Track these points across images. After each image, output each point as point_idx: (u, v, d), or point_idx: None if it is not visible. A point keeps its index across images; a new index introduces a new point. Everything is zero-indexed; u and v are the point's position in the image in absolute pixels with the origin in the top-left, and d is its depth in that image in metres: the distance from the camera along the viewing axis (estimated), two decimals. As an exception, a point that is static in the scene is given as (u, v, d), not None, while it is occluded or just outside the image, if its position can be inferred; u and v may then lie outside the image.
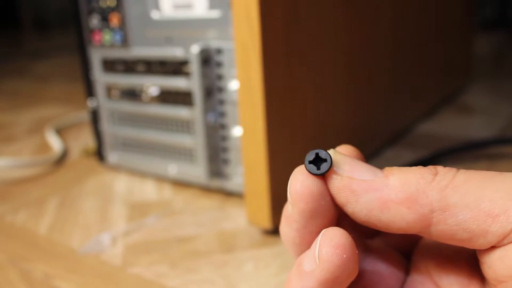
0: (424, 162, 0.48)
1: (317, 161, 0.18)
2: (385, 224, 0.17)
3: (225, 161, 0.43)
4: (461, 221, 0.16)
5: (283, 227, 0.20)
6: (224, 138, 0.42)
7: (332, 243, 0.17)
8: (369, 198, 0.17)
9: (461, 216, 0.16)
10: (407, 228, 0.17)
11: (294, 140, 0.38)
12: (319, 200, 0.18)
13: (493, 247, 0.17)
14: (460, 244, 0.17)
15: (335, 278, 0.17)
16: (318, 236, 0.18)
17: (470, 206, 0.16)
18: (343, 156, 0.19)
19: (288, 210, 0.19)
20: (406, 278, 0.21)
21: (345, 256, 0.17)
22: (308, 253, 0.19)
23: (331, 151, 0.19)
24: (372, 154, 0.52)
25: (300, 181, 0.18)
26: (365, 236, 0.22)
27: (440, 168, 0.17)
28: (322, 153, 0.18)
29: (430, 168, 0.18)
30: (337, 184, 0.18)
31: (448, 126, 0.61)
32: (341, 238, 0.17)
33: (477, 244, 0.17)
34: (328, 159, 0.18)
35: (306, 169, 0.18)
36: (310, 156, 0.18)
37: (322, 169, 0.18)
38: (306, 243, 0.19)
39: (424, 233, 0.17)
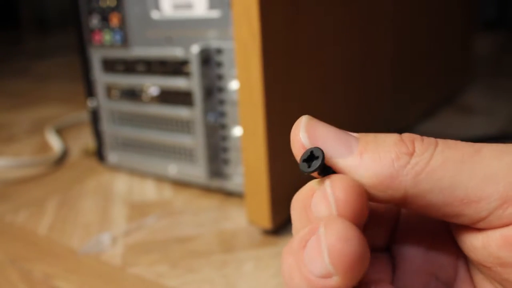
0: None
1: (311, 159, 0.17)
2: None
3: (225, 161, 0.43)
4: (435, 204, 0.16)
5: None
6: (224, 138, 0.42)
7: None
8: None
9: (435, 200, 0.16)
10: (379, 203, 0.17)
11: (294, 140, 0.38)
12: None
13: (474, 230, 0.17)
14: (434, 217, 0.17)
15: None
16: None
17: (444, 192, 0.16)
18: (317, 127, 0.17)
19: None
20: (394, 275, 0.21)
21: None
22: None
23: (303, 119, 0.18)
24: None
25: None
26: None
27: (418, 144, 0.16)
28: (315, 150, 0.17)
29: (407, 143, 0.17)
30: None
31: (448, 126, 0.61)
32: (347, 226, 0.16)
33: (451, 220, 0.17)
34: (320, 156, 0.17)
35: (299, 168, 0.17)
36: (305, 155, 0.17)
37: (312, 166, 0.17)
38: None
39: (398, 206, 0.17)
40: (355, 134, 0.17)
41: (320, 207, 0.17)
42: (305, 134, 0.17)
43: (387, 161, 0.16)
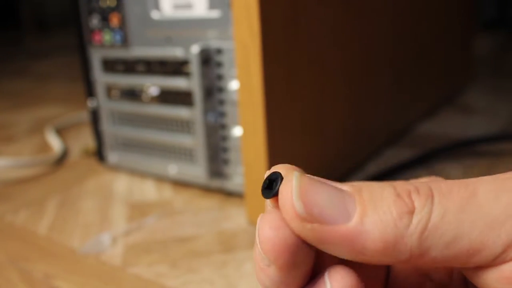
0: (423, 159, 0.48)
1: (272, 184, 0.17)
2: (357, 261, 0.16)
3: (225, 161, 0.43)
4: (440, 258, 0.16)
5: (262, 277, 0.17)
6: (224, 138, 0.42)
7: (347, 286, 0.16)
8: (342, 247, 0.16)
9: (440, 256, 0.16)
10: (382, 265, 0.17)
11: (294, 140, 0.38)
12: (300, 247, 0.16)
13: (481, 267, 0.16)
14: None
15: None
16: (320, 278, 0.17)
17: (449, 246, 0.15)
18: (310, 191, 0.16)
19: (264, 263, 0.17)
20: (388, 276, 0.21)
21: None
22: None
23: (294, 181, 0.16)
24: (372, 154, 0.52)
25: (272, 235, 0.16)
26: None
27: (415, 198, 0.16)
28: (272, 175, 0.17)
29: (405, 199, 0.16)
30: (302, 232, 0.16)
31: (448, 126, 0.61)
32: (352, 278, 0.16)
33: (455, 266, 0.16)
34: (278, 180, 0.16)
35: (262, 194, 0.17)
36: (265, 182, 0.17)
37: (273, 191, 0.17)
38: (294, 285, 0.17)
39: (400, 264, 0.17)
40: (346, 189, 0.16)
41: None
42: (300, 202, 0.16)
43: (390, 223, 0.15)
